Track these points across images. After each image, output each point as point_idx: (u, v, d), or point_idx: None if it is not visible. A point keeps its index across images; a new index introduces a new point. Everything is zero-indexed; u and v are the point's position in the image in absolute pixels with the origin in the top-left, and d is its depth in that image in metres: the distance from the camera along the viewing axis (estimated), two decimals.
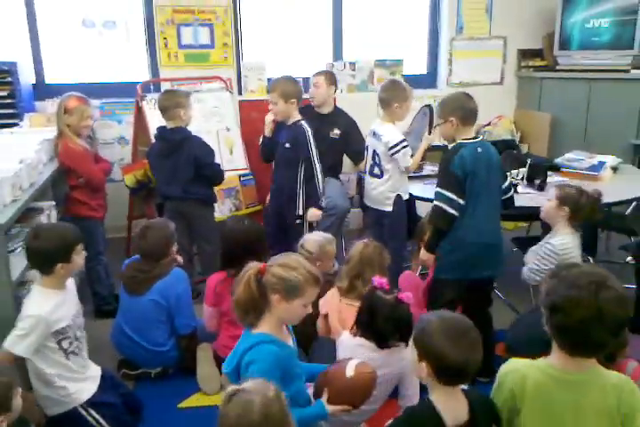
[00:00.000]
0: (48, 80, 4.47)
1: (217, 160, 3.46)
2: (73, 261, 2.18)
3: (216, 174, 3.38)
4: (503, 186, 2.73)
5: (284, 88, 3.29)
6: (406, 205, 3.39)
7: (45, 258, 2.13)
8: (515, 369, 1.59)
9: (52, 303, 2.13)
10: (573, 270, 1.50)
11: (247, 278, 1.87)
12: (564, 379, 1.52)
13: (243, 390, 1.44)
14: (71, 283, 2.32)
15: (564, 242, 2.73)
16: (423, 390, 1.88)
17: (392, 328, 2.06)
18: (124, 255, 4.07)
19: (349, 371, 1.94)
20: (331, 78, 3.99)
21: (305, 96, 4.18)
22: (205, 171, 3.32)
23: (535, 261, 2.80)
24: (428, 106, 3.45)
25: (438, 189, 2.60)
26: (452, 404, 1.60)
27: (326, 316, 2.57)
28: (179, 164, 3.28)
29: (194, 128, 3.45)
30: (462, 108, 2.64)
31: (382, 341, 2.12)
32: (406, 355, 1.91)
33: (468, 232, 2.58)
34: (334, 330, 2.51)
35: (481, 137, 2.73)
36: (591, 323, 1.41)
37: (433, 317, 1.67)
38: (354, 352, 2.15)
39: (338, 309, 2.53)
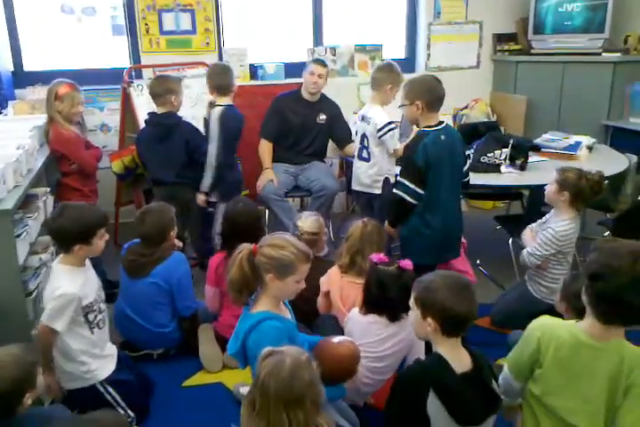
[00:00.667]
0: (27, 67, 4.41)
1: None
2: (93, 244, 2.22)
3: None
4: (464, 169, 2.84)
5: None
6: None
7: (64, 237, 2.17)
8: (545, 325, 1.70)
9: (79, 281, 2.19)
10: (613, 243, 1.60)
11: (239, 260, 1.94)
12: (589, 344, 1.61)
13: (278, 351, 1.54)
14: (88, 262, 2.36)
15: (565, 229, 2.79)
16: None
17: (404, 296, 2.16)
18: (112, 242, 4.10)
19: (336, 339, 2.10)
20: (328, 72, 4.06)
21: (293, 81, 4.26)
22: (197, 155, 3.36)
23: (536, 246, 2.85)
24: None
25: (400, 179, 2.69)
26: (456, 354, 1.74)
27: (327, 294, 2.64)
28: (171, 149, 3.31)
29: (180, 114, 3.47)
30: (430, 93, 2.65)
31: (394, 313, 2.22)
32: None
33: (434, 218, 2.69)
34: (336, 307, 2.59)
35: (445, 123, 2.74)
36: (629, 290, 1.50)
37: (433, 276, 1.81)
38: (367, 330, 2.25)
39: (339, 286, 2.61)
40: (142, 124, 3.58)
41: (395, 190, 2.71)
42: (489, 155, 3.50)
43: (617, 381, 1.60)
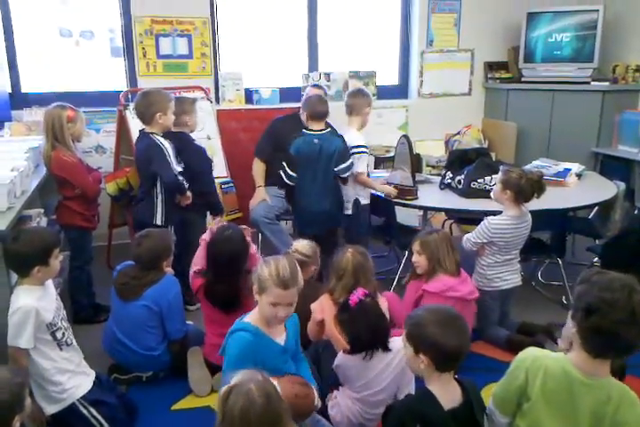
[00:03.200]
0: (24, 89, 4.46)
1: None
2: (50, 265, 2.22)
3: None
4: (337, 168, 3.40)
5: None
6: (369, 209, 3.63)
7: (24, 261, 2.18)
8: (535, 357, 1.66)
9: (34, 295, 2.19)
10: (604, 276, 1.57)
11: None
12: (578, 379, 1.58)
13: (236, 385, 1.52)
14: (49, 282, 2.35)
15: (498, 222, 3.01)
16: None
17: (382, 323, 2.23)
18: (105, 264, 4.10)
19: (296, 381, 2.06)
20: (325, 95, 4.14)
21: (287, 105, 4.33)
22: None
23: (473, 233, 3.07)
24: (405, 136, 3.63)
25: (283, 162, 3.43)
26: (447, 389, 1.74)
27: (320, 322, 2.61)
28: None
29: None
30: (309, 108, 3.48)
31: (384, 344, 2.23)
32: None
33: (300, 201, 3.49)
34: (333, 336, 2.55)
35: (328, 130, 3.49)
36: (624, 324, 1.47)
37: (421, 311, 1.82)
38: (364, 368, 2.24)
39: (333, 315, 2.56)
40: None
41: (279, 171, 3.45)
42: (479, 180, 3.54)
43: (601, 418, 1.58)
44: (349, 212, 3.56)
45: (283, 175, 3.46)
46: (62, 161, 3.18)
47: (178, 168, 3.27)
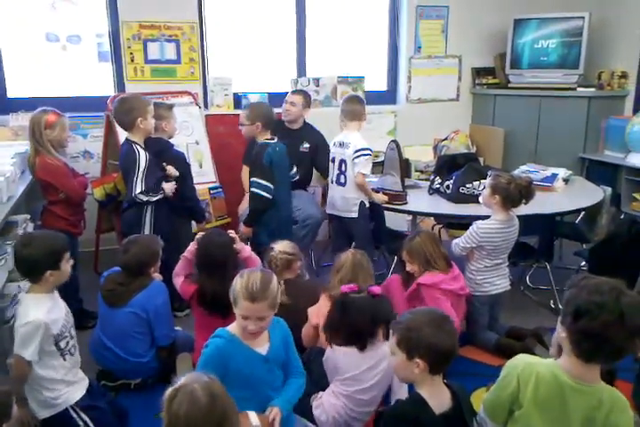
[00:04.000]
0: (10, 94, 4.42)
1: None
2: (62, 269, 2.21)
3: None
4: (292, 171, 3.67)
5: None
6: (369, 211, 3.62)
7: (35, 266, 2.16)
8: (526, 363, 1.65)
9: (45, 307, 2.16)
10: (592, 280, 1.58)
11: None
12: (569, 385, 1.58)
13: (180, 386, 1.50)
14: (55, 292, 2.33)
15: (487, 227, 3.03)
16: None
17: (369, 321, 2.20)
18: (93, 270, 4.07)
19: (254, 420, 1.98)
20: (307, 100, 4.16)
21: (276, 110, 4.34)
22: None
23: (462, 238, 3.09)
24: (394, 141, 3.64)
25: (254, 179, 3.33)
26: (437, 393, 1.73)
27: (316, 327, 2.58)
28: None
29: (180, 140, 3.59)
30: (265, 117, 3.39)
31: (362, 341, 2.22)
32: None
33: (277, 208, 3.39)
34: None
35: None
36: (613, 326, 1.47)
37: (409, 315, 1.81)
38: (347, 363, 2.25)
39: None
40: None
41: (252, 189, 3.35)
42: (467, 186, 3.56)
43: (593, 423, 1.59)
44: (355, 215, 3.55)
45: (263, 192, 3.32)
46: (46, 164, 3.17)
47: (157, 175, 3.25)
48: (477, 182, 3.53)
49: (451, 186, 3.64)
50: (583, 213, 3.94)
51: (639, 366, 2.46)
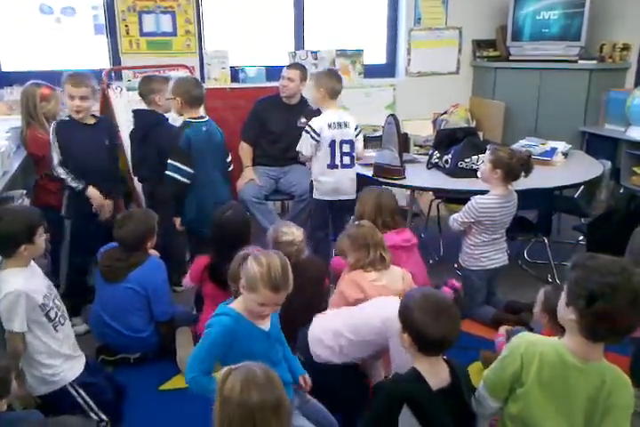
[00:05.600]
0: (4, 68, 4.36)
1: None
2: (36, 243, 2.20)
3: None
4: (227, 159, 3.34)
5: None
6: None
7: (9, 240, 2.14)
8: (529, 341, 1.64)
9: (22, 278, 2.16)
10: (599, 260, 1.54)
11: (237, 259, 2.01)
12: (573, 365, 1.58)
13: (236, 367, 1.49)
14: (33, 263, 2.32)
15: (485, 201, 3.01)
16: None
17: None
18: None
19: None
20: (304, 74, 4.08)
21: (274, 84, 4.29)
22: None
23: (460, 212, 3.08)
24: (393, 115, 3.59)
25: (170, 161, 3.07)
26: (435, 369, 1.74)
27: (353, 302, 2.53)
28: (147, 149, 3.32)
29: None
30: (187, 93, 3.10)
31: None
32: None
33: (204, 194, 3.15)
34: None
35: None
36: (628, 308, 1.47)
37: (417, 293, 1.81)
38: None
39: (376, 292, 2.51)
40: (121, 125, 3.57)
41: (167, 173, 3.08)
42: (466, 160, 3.54)
43: (595, 402, 1.59)
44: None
45: (178, 176, 3.07)
46: (37, 138, 3.14)
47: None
48: (476, 157, 3.51)
49: (449, 160, 3.62)
50: (582, 187, 3.92)
51: (638, 343, 2.47)
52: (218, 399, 1.47)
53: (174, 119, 3.44)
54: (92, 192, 3.02)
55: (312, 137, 3.37)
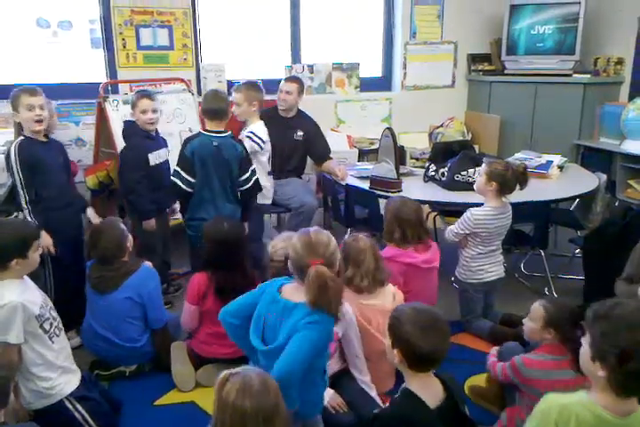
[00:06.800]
0: (1, 81, 4.36)
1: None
2: (29, 258, 2.18)
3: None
4: (241, 178, 3.15)
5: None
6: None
7: (1, 253, 2.13)
8: (561, 406, 1.54)
9: (17, 289, 2.14)
10: (623, 309, 1.47)
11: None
12: (609, 421, 1.49)
13: (236, 373, 1.50)
14: (25, 276, 2.30)
15: (481, 214, 3.01)
16: None
17: None
18: (87, 258, 4.04)
19: None
20: (302, 87, 4.12)
21: (270, 98, 4.30)
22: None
23: (455, 224, 3.08)
24: (389, 128, 3.60)
25: (175, 167, 3.09)
26: (427, 387, 1.70)
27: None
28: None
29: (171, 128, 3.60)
30: (203, 105, 3.16)
31: None
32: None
33: (201, 209, 3.11)
34: (366, 333, 2.51)
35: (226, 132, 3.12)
36: None
37: (407, 307, 1.78)
38: None
39: (358, 309, 2.52)
40: (117, 139, 3.58)
41: (171, 178, 3.11)
42: (462, 173, 3.55)
43: None
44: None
45: (180, 183, 3.06)
46: None
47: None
48: (472, 170, 3.51)
49: (446, 173, 3.62)
50: (578, 200, 3.93)
51: None
52: (215, 402, 1.48)
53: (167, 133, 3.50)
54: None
55: (258, 144, 3.43)
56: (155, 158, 3.33)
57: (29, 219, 2.83)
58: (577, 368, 1.65)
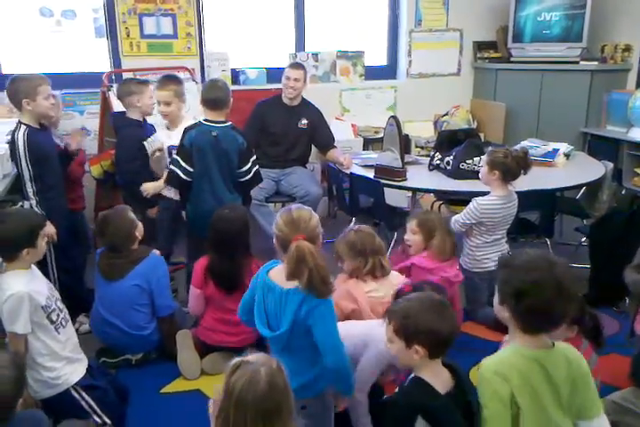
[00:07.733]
0: (5, 70, 4.36)
1: None
2: (38, 246, 2.19)
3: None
4: (242, 169, 3.08)
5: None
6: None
7: (12, 243, 2.13)
8: (492, 362, 1.64)
9: (24, 279, 2.15)
10: (523, 257, 1.60)
11: None
12: (535, 357, 1.60)
13: (248, 362, 1.48)
14: (32, 265, 2.30)
15: (487, 203, 3.01)
16: None
17: None
18: (94, 248, 4.06)
19: None
20: (306, 74, 4.08)
21: (274, 86, 4.29)
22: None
23: (461, 214, 3.08)
24: (394, 117, 3.57)
25: (175, 156, 3.07)
26: (438, 374, 1.71)
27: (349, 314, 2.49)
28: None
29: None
30: (201, 95, 3.10)
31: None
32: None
33: (200, 199, 3.08)
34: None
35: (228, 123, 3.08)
36: (555, 299, 1.53)
37: (405, 302, 1.77)
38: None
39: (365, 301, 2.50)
40: None
41: (170, 166, 3.08)
42: (468, 162, 3.53)
43: (574, 382, 1.62)
44: None
45: (179, 171, 3.03)
46: None
47: None
48: (478, 158, 3.49)
49: (451, 162, 3.60)
50: (584, 188, 3.91)
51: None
52: (222, 389, 1.48)
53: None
54: None
55: None
56: (150, 146, 3.32)
57: (36, 209, 2.84)
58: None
